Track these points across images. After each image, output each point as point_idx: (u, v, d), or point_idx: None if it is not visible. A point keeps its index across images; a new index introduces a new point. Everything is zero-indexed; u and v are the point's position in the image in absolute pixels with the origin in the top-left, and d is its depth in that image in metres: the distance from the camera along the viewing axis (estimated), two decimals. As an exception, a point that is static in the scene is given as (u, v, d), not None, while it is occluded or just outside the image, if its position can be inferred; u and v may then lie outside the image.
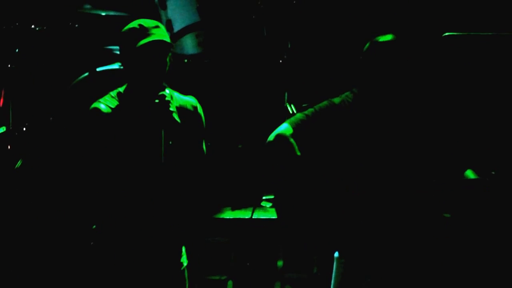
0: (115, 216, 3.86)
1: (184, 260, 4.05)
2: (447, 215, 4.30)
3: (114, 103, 3.88)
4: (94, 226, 3.91)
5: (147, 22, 3.91)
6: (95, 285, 3.91)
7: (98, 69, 6.06)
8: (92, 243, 3.91)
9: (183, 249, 4.07)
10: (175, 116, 3.90)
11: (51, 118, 6.14)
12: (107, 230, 3.89)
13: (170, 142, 3.85)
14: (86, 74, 6.08)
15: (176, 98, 4.01)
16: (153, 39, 3.84)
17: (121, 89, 3.95)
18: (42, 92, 6.39)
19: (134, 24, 3.91)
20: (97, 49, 6.42)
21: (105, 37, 6.53)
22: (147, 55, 3.85)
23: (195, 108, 4.05)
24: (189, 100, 4.06)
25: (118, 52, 6.26)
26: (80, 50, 6.38)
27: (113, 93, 3.94)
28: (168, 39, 3.90)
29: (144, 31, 3.87)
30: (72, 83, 6.12)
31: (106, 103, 3.87)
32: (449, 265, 4.54)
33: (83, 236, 4.09)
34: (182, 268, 4.03)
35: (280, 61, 6.27)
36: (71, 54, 6.41)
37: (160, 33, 3.89)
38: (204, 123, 4.07)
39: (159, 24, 3.94)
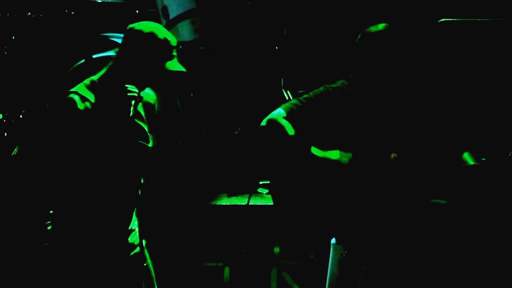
0: (74, 202, 3.79)
1: (136, 240, 3.94)
2: (443, 202, 4.31)
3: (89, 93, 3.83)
4: (51, 211, 3.84)
5: (170, 36, 3.81)
6: (52, 270, 3.83)
7: (94, 56, 6.05)
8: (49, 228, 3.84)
9: (136, 227, 3.97)
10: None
11: (47, 105, 6.13)
12: (65, 215, 3.82)
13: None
14: (82, 61, 6.07)
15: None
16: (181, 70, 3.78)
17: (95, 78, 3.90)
18: (39, 79, 6.38)
19: (156, 30, 3.79)
20: (93, 36, 6.40)
21: (101, 24, 6.52)
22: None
23: None
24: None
25: (114, 39, 6.27)
26: (76, 37, 6.37)
27: (87, 81, 3.88)
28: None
29: (169, 49, 3.78)
30: (68, 70, 6.11)
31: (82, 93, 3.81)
32: (446, 252, 4.55)
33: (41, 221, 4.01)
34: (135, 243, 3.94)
35: (276, 47, 6.26)
36: (67, 41, 6.40)
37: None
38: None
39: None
